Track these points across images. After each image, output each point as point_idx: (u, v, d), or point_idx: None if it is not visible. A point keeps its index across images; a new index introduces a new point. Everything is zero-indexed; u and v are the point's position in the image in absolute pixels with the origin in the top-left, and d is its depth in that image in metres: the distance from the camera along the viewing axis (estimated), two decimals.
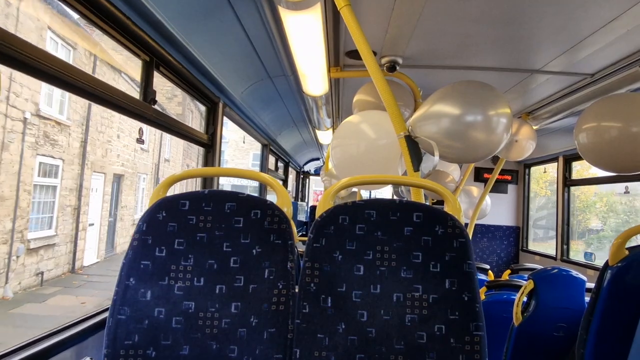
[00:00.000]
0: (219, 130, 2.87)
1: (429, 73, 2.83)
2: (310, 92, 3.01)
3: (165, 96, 16.67)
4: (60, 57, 1.40)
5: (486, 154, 1.96)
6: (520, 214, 5.36)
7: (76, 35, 10.17)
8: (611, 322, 1.89)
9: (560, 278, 2.50)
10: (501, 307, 2.78)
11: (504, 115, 1.86)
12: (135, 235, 1.36)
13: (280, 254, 1.36)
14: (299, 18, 1.88)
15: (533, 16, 1.96)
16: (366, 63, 1.84)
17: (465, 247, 1.34)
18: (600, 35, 2.05)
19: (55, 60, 1.36)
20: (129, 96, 1.82)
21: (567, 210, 4.48)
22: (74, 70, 1.46)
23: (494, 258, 5.35)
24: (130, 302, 1.31)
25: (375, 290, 1.33)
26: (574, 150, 2.21)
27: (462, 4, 1.91)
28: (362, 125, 2.22)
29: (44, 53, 1.31)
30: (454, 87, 1.94)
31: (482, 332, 1.28)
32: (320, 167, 9.02)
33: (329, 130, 4.46)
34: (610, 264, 1.92)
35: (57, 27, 9.39)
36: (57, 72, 1.38)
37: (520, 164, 5.29)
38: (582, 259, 4.36)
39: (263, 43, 2.39)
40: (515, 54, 2.46)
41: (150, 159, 16.42)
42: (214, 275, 1.34)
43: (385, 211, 1.38)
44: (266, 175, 1.63)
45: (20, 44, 1.21)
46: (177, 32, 1.91)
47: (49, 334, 1.54)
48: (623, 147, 1.94)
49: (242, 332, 1.31)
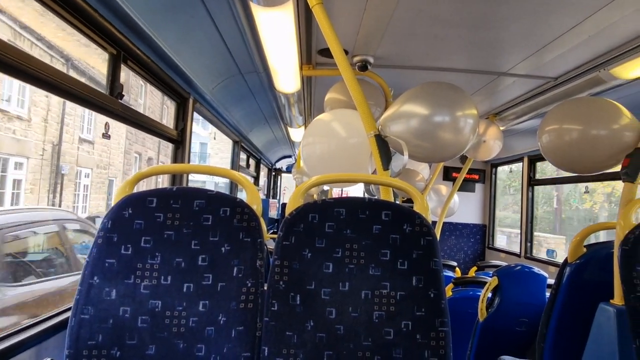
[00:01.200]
0: (189, 126, 2.83)
1: (400, 73, 2.87)
2: (282, 89, 3.00)
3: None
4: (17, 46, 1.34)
5: (454, 154, 2.00)
6: (486, 213, 5.50)
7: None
8: (569, 316, 1.97)
9: (523, 275, 2.58)
10: (467, 303, 2.85)
11: (470, 116, 1.90)
12: (100, 233, 1.33)
13: (249, 252, 1.35)
14: (271, 15, 1.87)
15: (501, 20, 2.02)
16: (337, 62, 1.84)
17: (432, 245, 1.37)
18: (564, 40, 2.12)
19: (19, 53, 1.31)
20: (95, 90, 1.77)
21: (531, 208, 4.62)
22: (38, 63, 1.41)
23: (461, 255, 5.48)
24: (94, 301, 1.28)
25: (344, 287, 1.35)
26: (538, 150, 2.28)
27: (433, 7, 1.94)
28: (333, 123, 2.22)
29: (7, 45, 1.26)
30: (423, 88, 1.98)
31: (447, 328, 1.31)
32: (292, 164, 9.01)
33: (300, 128, 4.46)
34: (569, 261, 2.01)
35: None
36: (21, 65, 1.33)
37: (488, 163, 5.43)
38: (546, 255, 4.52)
39: (235, 39, 2.36)
40: (483, 56, 2.52)
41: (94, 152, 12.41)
42: (181, 273, 1.33)
43: (355, 209, 1.40)
44: (236, 172, 1.62)
45: None
46: (145, 25, 1.87)
47: (5, 335, 1.48)
48: (583, 149, 2.02)
49: (209, 330, 1.30)
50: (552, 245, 7.13)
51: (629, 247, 1.54)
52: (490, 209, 5.46)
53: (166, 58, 2.25)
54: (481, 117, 3.72)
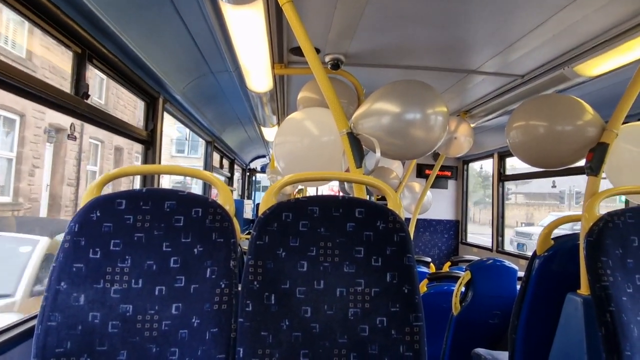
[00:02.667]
0: (159, 126, 2.77)
1: (371, 71, 2.88)
2: (255, 88, 2.98)
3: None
4: None
5: (425, 151, 2.03)
6: (459, 208, 5.60)
7: None
8: (539, 307, 2.02)
9: (494, 268, 2.64)
10: (442, 297, 2.89)
11: (440, 114, 1.93)
12: (67, 237, 1.29)
13: (222, 252, 1.33)
14: (240, 13, 1.85)
15: (469, 19, 2.05)
16: (309, 60, 1.84)
17: (405, 241, 1.38)
18: (529, 38, 2.18)
19: None
20: (59, 90, 1.71)
21: (502, 203, 4.73)
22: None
23: (435, 251, 5.56)
24: (62, 307, 1.24)
25: (319, 285, 1.34)
26: (507, 147, 2.33)
27: (403, 5, 1.96)
28: (305, 122, 2.22)
29: None
30: (394, 86, 1.99)
31: (421, 323, 1.33)
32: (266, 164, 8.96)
33: (274, 127, 4.43)
34: (537, 254, 2.06)
35: None
36: None
37: (460, 160, 5.53)
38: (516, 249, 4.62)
39: (204, 37, 2.33)
40: (453, 54, 2.56)
41: None
42: (153, 276, 1.30)
43: (329, 207, 1.40)
44: (207, 172, 1.60)
45: None
46: (111, 23, 1.82)
47: None
48: (549, 145, 2.07)
49: (183, 333, 1.27)
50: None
51: (593, 238, 1.58)
52: (462, 204, 5.56)
53: (134, 57, 2.20)
54: (452, 114, 3.78)
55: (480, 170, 12.61)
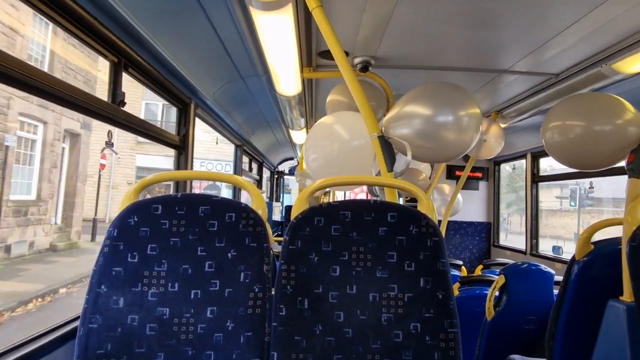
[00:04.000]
0: (191, 131, 2.83)
1: (400, 73, 2.86)
2: (283, 92, 3.00)
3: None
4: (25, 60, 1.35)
5: (457, 154, 2.00)
6: (491, 210, 5.48)
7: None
8: (578, 314, 1.95)
9: (529, 272, 2.57)
10: (474, 302, 2.84)
11: (474, 116, 1.90)
12: (106, 242, 1.33)
13: (255, 257, 1.35)
14: (270, 18, 1.86)
15: (501, 18, 2.01)
16: (338, 63, 1.84)
17: (438, 245, 1.36)
18: (564, 36, 2.11)
19: (20, 64, 1.32)
20: (97, 99, 1.77)
21: (535, 206, 4.60)
22: (40, 73, 1.41)
23: (466, 254, 5.46)
24: (102, 309, 1.28)
25: (352, 290, 1.34)
26: (541, 147, 2.27)
27: (432, 6, 1.94)
28: (336, 126, 2.22)
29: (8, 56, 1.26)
30: (425, 88, 1.97)
31: (457, 329, 1.31)
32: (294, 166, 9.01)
33: (302, 130, 4.45)
34: (576, 259, 1.99)
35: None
36: (22, 76, 1.33)
37: (490, 161, 5.42)
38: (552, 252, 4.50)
39: (235, 43, 2.36)
40: (484, 54, 2.52)
41: None
42: (188, 280, 1.33)
43: (360, 212, 1.39)
44: (240, 177, 1.62)
45: None
46: (145, 32, 1.87)
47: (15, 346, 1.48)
48: (587, 145, 2.01)
49: (218, 337, 1.29)
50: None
51: (636, 243, 1.52)
52: (494, 206, 5.44)
53: (167, 64, 2.25)
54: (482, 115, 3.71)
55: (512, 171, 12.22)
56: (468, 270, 4.47)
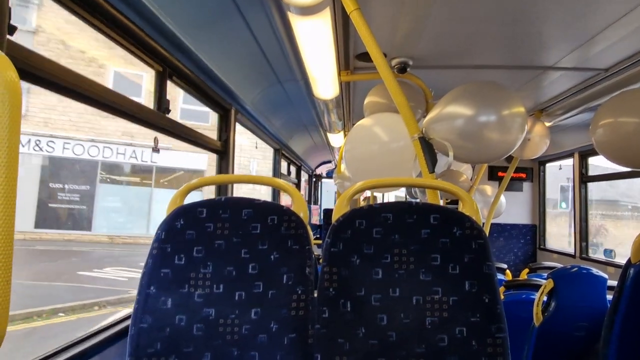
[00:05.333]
0: (232, 136, 2.89)
1: (439, 73, 2.82)
2: (321, 95, 3.02)
3: None
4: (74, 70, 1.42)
5: (501, 154, 1.95)
6: (536, 212, 5.29)
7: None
8: (635, 321, 1.85)
9: (580, 277, 2.46)
10: (520, 307, 2.75)
11: (518, 115, 1.85)
12: (155, 244, 1.38)
13: (298, 259, 1.36)
14: (308, 23, 1.88)
15: (542, 13, 1.95)
16: (377, 65, 1.84)
17: (483, 248, 1.33)
18: (613, 30, 2.02)
19: (71, 73, 1.39)
20: (144, 107, 1.84)
21: (584, 206, 4.41)
22: (91, 82, 1.49)
23: (511, 257, 5.29)
24: (152, 310, 1.33)
25: (395, 293, 1.33)
26: (589, 146, 2.18)
27: (469, 4, 1.90)
28: (375, 128, 2.21)
29: (59, 67, 1.34)
30: (466, 88, 1.94)
31: (504, 334, 1.27)
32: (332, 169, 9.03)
33: (340, 133, 4.46)
34: (632, 262, 1.89)
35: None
36: (73, 85, 1.41)
37: (535, 161, 5.23)
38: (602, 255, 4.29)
39: (273, 48, 2.40)
40: (525, 51, 2.44)
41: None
42: (233, 281, 1.35)
43: (402, 214, 1.38)
44: (281, 180, 1.64)
45: (37, 59, 1.24)
46: (188, 41, 1.93)
47: (71, 344, 1.56)
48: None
49: (262, 337, 1.31)
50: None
51: None
52: (540, 208, 5.25)
53: (208, 71, 2.31)
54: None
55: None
56: (513, 274, 4.33)
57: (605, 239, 11.16)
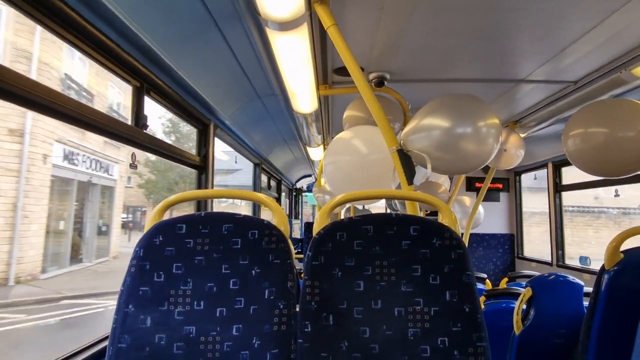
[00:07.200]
0: (211, 151, 2.87)
1: (416, 87, 2.87)
2: (300, 110, 3.03)
3: None
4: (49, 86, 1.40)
5: (477, 165, 1.98)
6: (513, 221, 5.39)
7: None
8: (611, 326, 1.89)
9: (557, 284, 2.51)
10: (500, 315, 2.77)
11: (493, 126, 1.89)
12: (133, 262, 1.35)
13: (279, 273, 1.35)
14: (286, 39, 1.90)
15: (514, 28, 2.01)
16: (355, 80, 1.86)
17: (463, 258, 1.34)
18: (581, 44, 2.10)
19: (44, 89, 1.37)
20: (121, 122, 1.82)
21: (559, 215, 4.51)
22: (64, 98, 1.46)
23: (490, 266, 5.36)
24: (130, 329, 1.29)
25: (376, 305, 1.33)
26: (563, 156, 2.24)
27: (445, 19, 1.95)
28: (354, 140, 2.23)
29: (32, 82, 1.31)
30: (442, 101, 1.97)
31: (485, 343, 1.28)
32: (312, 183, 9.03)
33: (319, 147, 4.48)
34: (606, 268, 1.94)
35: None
36: (47, 101, 1.38)
37: (511, 171, 5.35)
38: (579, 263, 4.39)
39: (251, 64, 2.41)
40: (499, 65, 2.51)
41: None
42: (213, 298, 1.33)
43: (382, 226, 1.39)
44: (261, 194, 1.63)
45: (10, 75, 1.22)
46: (166, 56, 1.92)
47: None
48: (610, 152, 1.98)
49: (244, 354, 1.29)
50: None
51: None
52: (517, 217, 5.35)
53: (187, 86, 2.30)
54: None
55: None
56: (493, 283, 4.39)
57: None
